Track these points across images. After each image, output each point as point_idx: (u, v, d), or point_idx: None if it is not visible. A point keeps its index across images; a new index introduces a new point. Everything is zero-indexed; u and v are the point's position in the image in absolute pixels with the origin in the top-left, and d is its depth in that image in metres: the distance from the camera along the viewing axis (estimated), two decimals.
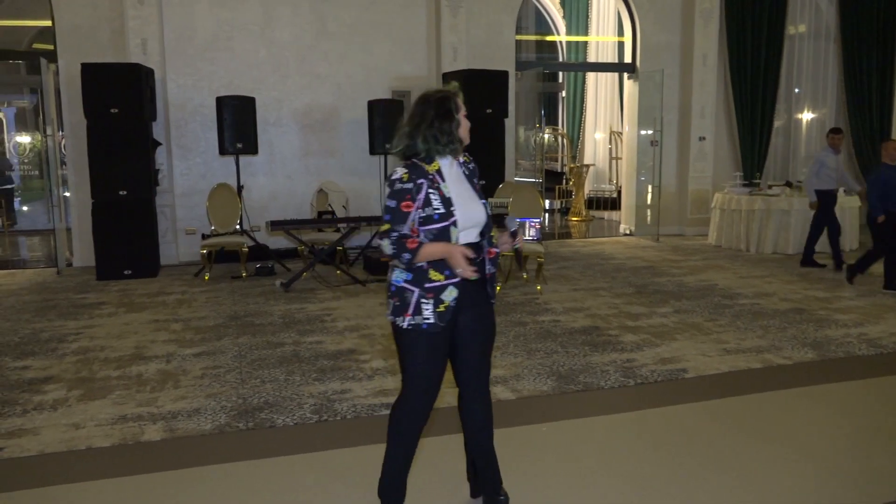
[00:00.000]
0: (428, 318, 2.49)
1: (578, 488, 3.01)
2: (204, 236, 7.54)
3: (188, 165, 8.31)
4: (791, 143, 11.12)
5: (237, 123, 7.64)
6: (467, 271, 2.46)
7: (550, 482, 3.06)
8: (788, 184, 9.20)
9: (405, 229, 2.47)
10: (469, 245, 2.55)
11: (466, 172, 2.64)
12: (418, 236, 2.48)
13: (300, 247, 7.57)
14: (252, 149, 7.83)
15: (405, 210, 2.47)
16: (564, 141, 13.89)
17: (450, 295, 2.50)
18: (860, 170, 10.83)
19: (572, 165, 12.98)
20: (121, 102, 7.16)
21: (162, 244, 7.97)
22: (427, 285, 2.50)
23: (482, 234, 2.60)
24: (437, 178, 2.52)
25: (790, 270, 7.58)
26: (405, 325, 2.52)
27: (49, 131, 7.96)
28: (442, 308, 2.50)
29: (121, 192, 7.30)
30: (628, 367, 4.53)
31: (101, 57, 7.66)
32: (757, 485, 3.02)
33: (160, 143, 7.98)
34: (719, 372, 4.45)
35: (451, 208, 2.50)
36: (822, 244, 7.86)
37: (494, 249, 2.64)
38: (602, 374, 4.38)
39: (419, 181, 2.48)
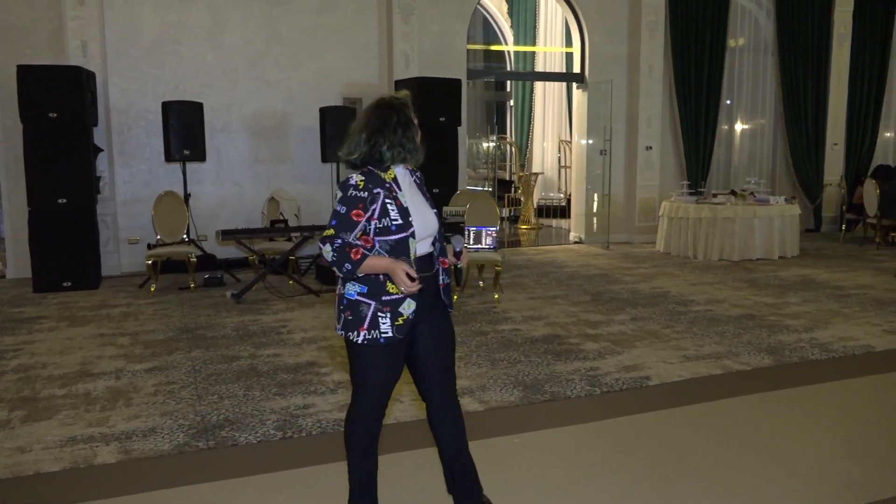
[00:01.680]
0: (386, 333, 2.42)
1: (554, 499, 2.97)
2: (149, 246, 7.26)
3: (131, 172, 8.01)
4: (732, 153, 11.44)
5: (184, 129, 7.39)
6: (411, 288, 2.39)
7: (526, 494, 3.01)
8: (733, 192, 9.44)
9: (350, 238, 2.39)
10: (423, 255, 2.50)
11: (417, 181, 2.58)
12: (373, 247, 2.41)
13: (251, 256, 7.37)
14: (200, 156, 7.59)
15: (355, 219, 2.39)
16: (513, 149, 13.98)
17: (408, 308, 2.44)
18: (797, 178, 11.23)
19: (521, 174, 13.07)
20: (60, 106, 6.83)
21: (103, 254, 7.64)
22: (385, 298, 2.42)
23: (434, 243, 2.55)
24: (395, 186, 2.45)
25: (737, 277, 7.77)
26: (360, 339, 2.43)
27: None
28: (400, 321, 2.43)
29: (59, 201, 6.96)
30: (592, 375, 4.53)
31: (38, 59, 7.31)
32: (729, 490, 3.04)
33: (102, 150, 7.66)
34: (682, 379, 4.49)
35: (409, 219, 2.44)
36: (761, 250, 8.07)
37: (446, 259, 2.59)
38: (567, 383, 4.37)
39: (375, 190, 2.40)
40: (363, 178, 2.41)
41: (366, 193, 2.39)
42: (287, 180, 8.50)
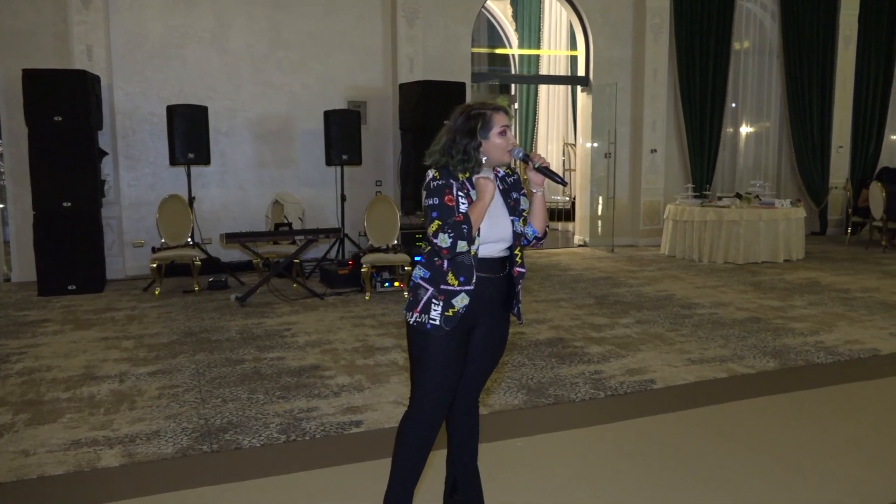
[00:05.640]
0: (434, 320, 2.41)
1: (559, 503, 2.96)
2: (154, 249, 7.27)
3: (136, 176, 8.03)
4: (737, 156, 11.42)
5: (189, 133, 7.42)
6: (490, 185, 2.41)
7: (530, 497, 3.00)
8: (738, 195, 9.42)
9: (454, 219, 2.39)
10: (493, 258, 2.48)
11: (502, 186, 2.55)
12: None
13: (255, 260, 7.37)
14: (204, 159, 7.61)
15: (450, 204, 2.39)
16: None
17: (461, 301, 2.42)
18: (802, 181, 11.20)
19: (525, 177, 13.04)
20: (65, 110, 6.86)
21: (108, 258, 7.66)
22: (442, 286, 2.42)
23: (510, 248, 2.53)
24: (467, 185, 2.46)
25: (742, 280, 7.74)
26: (411, 320, 2.46)
27: None
28: (450, 313, 2.41)
29: (64, 204, 6.98)
30: (597, 378, 4.51)
31: (44, 63, 7.34)
32: (734, 494, 3.02)
33: (106, 153, 7.68)
34: (687, 382, 4.47)
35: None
36: (766, 253, 8.05)
37: (520, 269, 2.57)
38: (572, 387, 4.36)
39: (450, 181, 2.43)
40: (437, 171, 2.45)
41: (444, 181, 2.42)
42: (291, 183, 8.51)
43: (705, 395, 4.26)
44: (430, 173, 2.46)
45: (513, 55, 13.48)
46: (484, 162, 2.48)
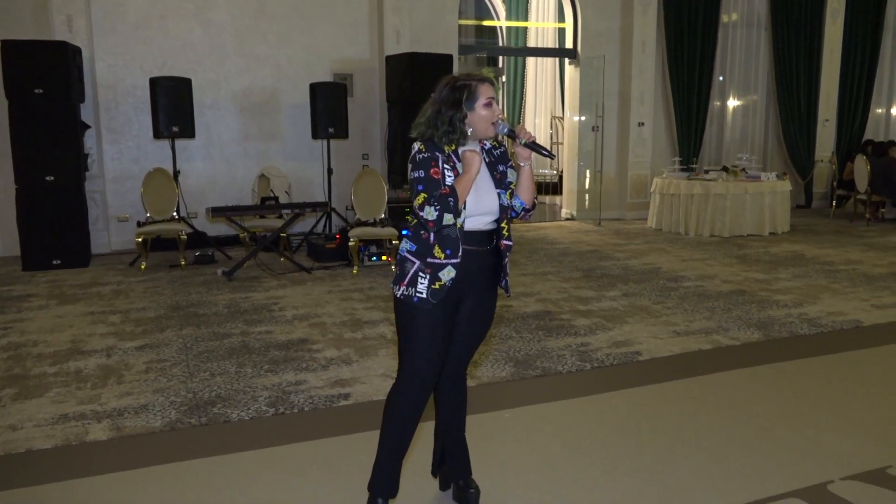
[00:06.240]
0: (421, 293, 2.42)
1: (546, 473, 2.99)
2: (139, 224, 7.21)
3: (119, 149, 7.93)
4: (724, 129, 11.43)
5: (173, 106, 7.32)
6: (476, 157, 2.41)
7: (517, 468, 3.04)
8: (725, 168, 9.45)
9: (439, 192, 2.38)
10: (480, 231, 2.48)
11: (489, 159, 2.54)
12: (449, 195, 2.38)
13: (242, 234, 7.33)
14: (189, 132, 7.52)
15: (436, 177, 2.38)
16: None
17: (448, 275, 2.42)
18: (788, 154, 11.24)
19: (512, 150, 13.00)
20: (45, 82, 6.75)
21: (92, 232, 7.59)
22: (429, 260, 2.42)
23: (496, 221, 2.53)
24: (453, 157, 2.45)
25: (728, 253, 7.80)
26: (398, 294, 2.46)
27: None
28: (437, 286, 2.42)
29: (47, 178, 6.89)
30: (583, 350, 4.55)
31: (22, 34, 7.18)
32: (718, 463, 3.07)
33: (89, 126, 7.58)
34: (672, 354, 4.52)
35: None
36: (751, 226, 8.10)
37: (507, 242, 2.57)
38: (559, 359, 4.39)
39: (436, 153, 2.41)
40: (422, 144, 2.44)
41: (429, 154, 2.41)
42: (277, 157, 8.45)
43: (690, 366, 4.31)
44: (416, 146, 2.44)
45: (500, 27, 13.35)
46: (469, 134, 2.46)
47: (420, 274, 2.43)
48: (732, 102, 11.35)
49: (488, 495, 2.77)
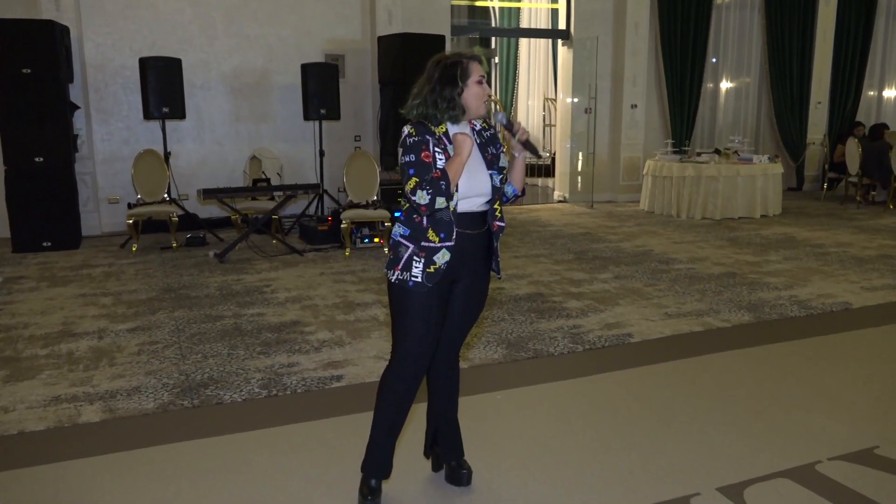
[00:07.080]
0: (416, 277, 2.42)
1: (538, 454, 3.01)
2: (130, 205, 7.17)
3: (109, 130, 7.87)
4: (717, 111, 11.42)
5: (163, 86, 7.25)
6: (468, 140, 2.40)
7: (510, 449, 3.06)
8: (717, 151, 9.45)
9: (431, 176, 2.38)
10: (473, 213, 2.48)
11: (479, 140, 2.53)
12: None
13: (234, 216, 7.31)
14: (179, 113, 7.46)
15: (427, 161, 2.38)
16: (497, 107, 13.85)
17: (442, 258, 2.42)
18: (780, 137, 11.26)
19: (504, 132, 12.97)
20: (33, 62, 6.67)
21: (83, 214, 7.55)
22: (423, 244, 2.42)
23: (489, 202, 2.52)
24: (444, 140, 2.44)
25: (720, 235, 7.82)
26: (393, 278, 2.46)
27: None
28: (432, 269, 2.42)
29: (36, 159, 6.83)
30: (575, 332, 4.57)
31: (9, 12, 7.08)
32: (708, 444, 3.10)
33: (78, 107, 7.50)
34: (663, 336, 4.54)
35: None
36: (743, 209, 8.12)
37: (500, 223, 2.57)
38: (551, 341, 4.41)
39: (426, 136, 2.41)
40: (412, 127, 2.43)
41: (420, 137, 2.40)
42: (269, 139, 8.40)
43: (681, 348, 4.34)
44: (406, 129, 2.43)
45: (493, 7, 13.25)
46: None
47: (415, 258, 2.43)
48: (725, 84, 11.34)
49: (480, 476, 2.79)
